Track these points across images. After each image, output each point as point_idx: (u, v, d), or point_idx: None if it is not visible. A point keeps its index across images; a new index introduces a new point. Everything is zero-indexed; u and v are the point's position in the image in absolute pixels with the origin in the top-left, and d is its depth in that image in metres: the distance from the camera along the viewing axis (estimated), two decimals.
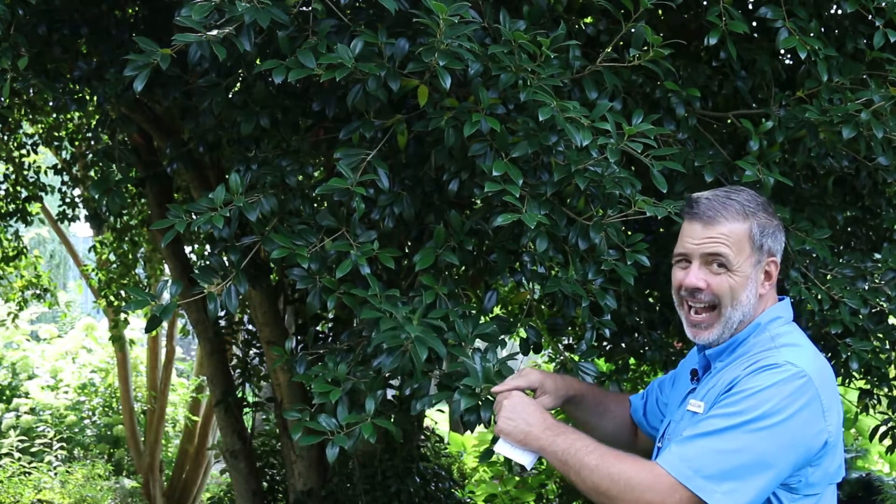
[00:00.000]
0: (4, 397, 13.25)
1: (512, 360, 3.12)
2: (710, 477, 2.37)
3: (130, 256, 8.66)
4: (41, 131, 8.00)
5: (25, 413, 12.71)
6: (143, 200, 7.26)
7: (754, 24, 3.84)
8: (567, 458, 2.55)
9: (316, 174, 5.32)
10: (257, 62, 3.46)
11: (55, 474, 11.29)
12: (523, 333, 3.53)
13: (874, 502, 9.08)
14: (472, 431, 2.97)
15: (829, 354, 3.89)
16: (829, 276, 3.92)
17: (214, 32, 2.90)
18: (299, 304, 5.45)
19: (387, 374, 3.09)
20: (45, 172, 8.53)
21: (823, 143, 3.67)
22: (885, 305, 3.87)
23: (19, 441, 11.90)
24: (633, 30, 3.32)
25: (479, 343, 3.17)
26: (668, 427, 2.75)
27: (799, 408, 2.39)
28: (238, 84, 3.74)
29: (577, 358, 3.45)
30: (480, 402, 2.96)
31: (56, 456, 11.89)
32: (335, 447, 3.01)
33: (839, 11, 4.04)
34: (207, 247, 6.17)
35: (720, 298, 2.56)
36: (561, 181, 3.17)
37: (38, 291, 9.85)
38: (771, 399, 2.39)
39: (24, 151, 8.12)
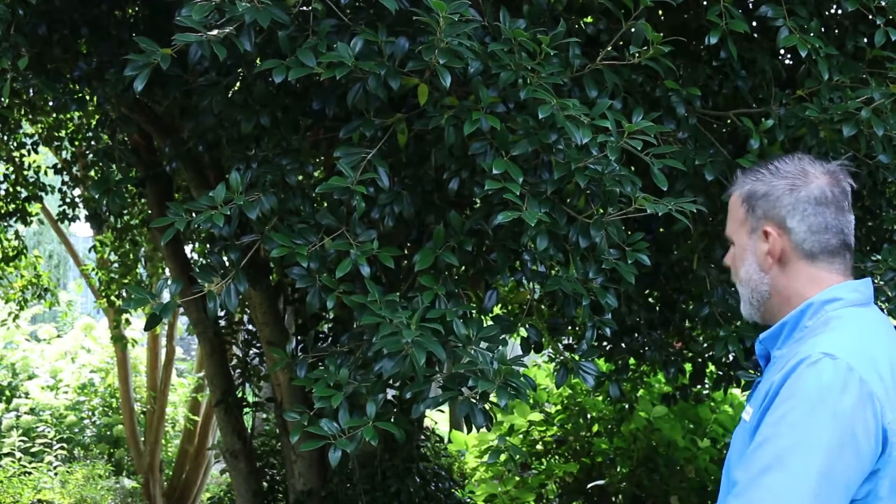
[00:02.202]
0: (4, 397, 13.24)
1: (520, 363, 3.13)
2: None
3: (131, 256, 8.66)
4: (41, 131, 8.00)
5: (25, 413, 12.71)
6: (143, 200, 7.25)
7: (754, 23, 3.84)
8: None
9: (316, 173, 5.32)
10: (257, 62, 3.46)
11: (55, 474, 11.29)
12: (524, 333, 3.53)
13: None
14: (476, 430, 2.98)
15: None
16: None
17: (215, 32, 2.90)
18: (299, 304, 5.44)
19: (388, 378, 3.09)
20: (46, 172, 8.53)
21: (824, 141, 3.66)
22: (885, 305, 3.87)
23: (20, 441, 11.90)
24: (633, 28, 3.33)
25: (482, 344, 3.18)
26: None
27: (843, 410, 1.99)
28: (238, 83, 3.74)
29: (577, 357, 3.44)
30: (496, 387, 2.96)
31: (56, 456, 11.89)
32: (338, 451, 3.01)
33: (839, 10, 4.05)
34: (207, 246, 6.17)
35: (734, 275, 2.35)
36: (561, 179, 3.17)
37: (38, 291, 9.85)
38: (816, 403, 1.99)
39: (24, 151, 8.12)
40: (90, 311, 17.17)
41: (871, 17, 3.72)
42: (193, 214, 3.14)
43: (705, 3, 4.01)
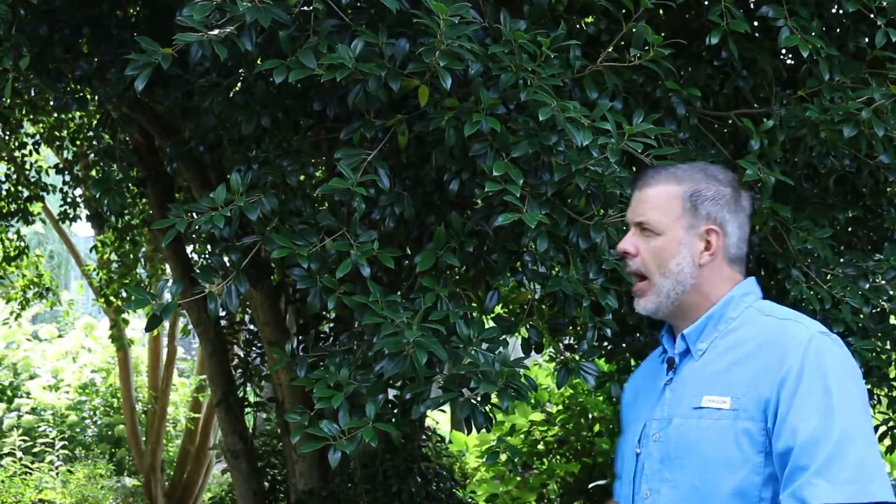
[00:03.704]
0: (6, 397, 13.26)
1: (522, 365, 3.12)
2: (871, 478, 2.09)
3: (131, 256, 8.66)
4: (42, 131, 8.01)
5: (27, 413, 12.73)
6: (144, 200, 7.26)
7: (755, 23, 3.84)
8: None
9: (317, 174, 5.32)
10: (258, 62, 3.46)
11: (57, 474, 11.30)
12: (524, 333, 3.53)
13: None
14: (477, 431, 2.97)
15: None
16: (830, 276, 3.91)
17: (216, 32, 2.90)
18: (300, 304, 5.44)
19: (388, 379, 3.10)
20: (47, 172, 8.54)
21: (824, 141, 3.66)
22: (886, 305, 3.87)
23: (21, 441, 11.91)
24: (633, 29, 3.33)
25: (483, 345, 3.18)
26: (653, 427, 2.40)
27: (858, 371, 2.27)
28: (239, 84, 3.73)
29: (578, 358, 3.45)
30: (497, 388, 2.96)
31: (57, 456, 11.91)
32: (337, 452, 3.01)
33: (840, 10, 4.04)
34: (208, 246, 6.17)
35: (647, 265, 2.39)
36: (561, 181, 3.17)
37: (40, 291, 9.86)
38: (848, 372, 2.21)
39: (25, 151, 8.13)
40: (92, 311, 17.18)
41: (871, 17, 3.72)
42: (194, 215, 3.14)
43: (706, 3, 4.01)
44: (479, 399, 3.06)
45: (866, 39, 3.99)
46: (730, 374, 2.28)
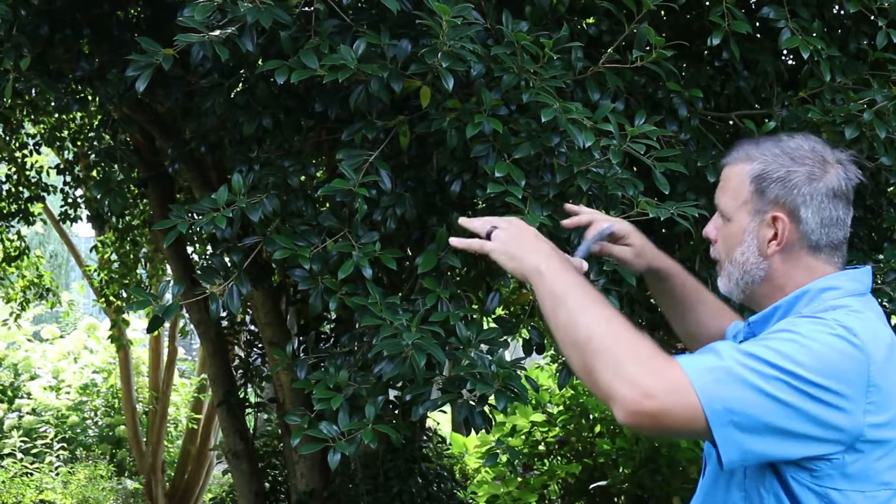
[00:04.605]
0: (6, 398, 13.26)
1: (520, 366, 3.12)
2: (740, 425, 1.87)
3: (132, 257, 8.66)
4: (43, 131, 8.00)
5: (27, 414, 12.72)
6: (144, 201, 7.26)
7: (757, 24, 3.84)
8: (567, 292, 2.06)
9: (318, 175, 5.32)
10: (259, 63, 3.46)
11: (57, 475, 11.30)
12: (526, 334, 3.52)
13: None
14: (475, 432, 2.95)
15: None
16: None
17: (217, 33, 2.89)
18: (301, 305, 5.44)
19: (388, 381, 3.09)
20: (48, 173, 8.53)
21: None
22: (887, 306, 3.87)
23: (21, 442, 11.91)
24: (635, 31, 3.32)
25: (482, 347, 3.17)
26: None
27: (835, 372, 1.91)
28: (240, 84, 3.73)
29: None
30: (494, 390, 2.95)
31: (58, 456, 11.91)
32: (337, 454, 3.01)
33: (842, 11, 4.04)
34: (209, 247, 6.17)
35: (720, 252, 2.22)
36: (563, 182, 3.17)
37: (40, 291, 9.86)
38: (811, 348, 1.91)
39: (26, 152, 8.12)
40: (92, 312, 17.18)
41: (873, 18, 3.72)
42: (195, 216, 3.14)
43: (707, 3, 4.01)
44: (476, 400, 3.05)
45: (867, 41, 3.99)
46: None
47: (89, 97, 4.66)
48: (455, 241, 2.37)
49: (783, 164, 2.12)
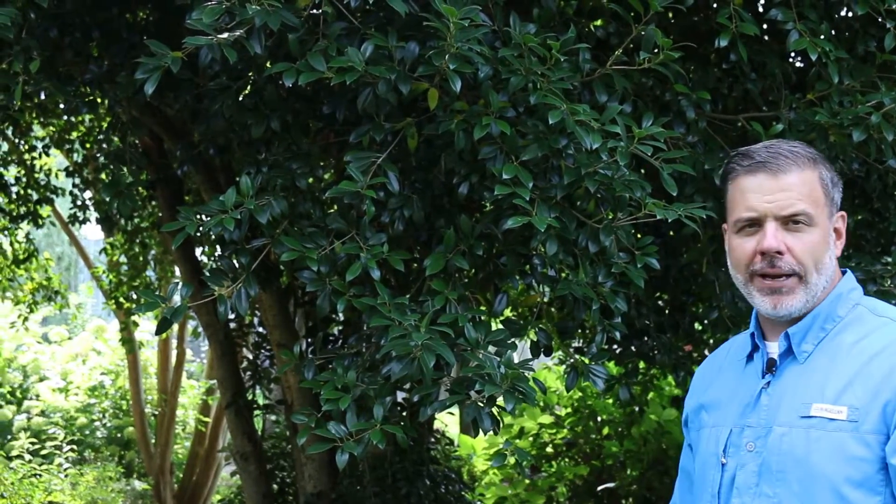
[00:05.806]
0: (15, 399, 13.28)
1: (528, 367, 3.13)
2: None
3: (141, 259, 8.67)
4: (52, 134, 8.02)
5: (36, 415, 12.74)
6: (153, 203, 7.27)
7: (765, 26, 3.85)
8: None
9: (326, 177, 5.33)
10: (268, 65, 3.47)
11: (66, 476, 11.30)
12: (533, 336, 3.53)
13: None
14: (483, 434, 2.95)
15: None
16: None
17: (225, 35, 2.91)
18: (309, 307, 5.45)
19: (396, 381, 3.10)
20: (57, 175, 8.55)
21: (833, 145, 3.66)
22: None
23: (30, 443, 11.92)
24: (643, 32, 3.33)
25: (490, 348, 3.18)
26: (745, 435, 2.13)
27: None
28: (248, 87, 3.74)
29: (587, 360, 3.45)
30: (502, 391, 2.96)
31: (66, 458, 11.91)
32: (345, 454, 3.01)
33: (850, 14, 4.04)
34: (218, 249, 6.18)
35: (804, 264, 2.07)
36: (571, 184, 3.17)
37: (49, 293, 9.87)
38: None
39: (35, 154, 8.14)
40: (101, 314, 17.21)
41: (881, 20, 3.72)
42: (204, 218, 3.15)
43: (715, 5, 4.01)
44: (484, 401, 3.06)
45: (875, 43, 3.98)
46: (844, 381, 2.03)
47: (98, 100, 4.67)
48: None
49: (830, 168, 2.15)
